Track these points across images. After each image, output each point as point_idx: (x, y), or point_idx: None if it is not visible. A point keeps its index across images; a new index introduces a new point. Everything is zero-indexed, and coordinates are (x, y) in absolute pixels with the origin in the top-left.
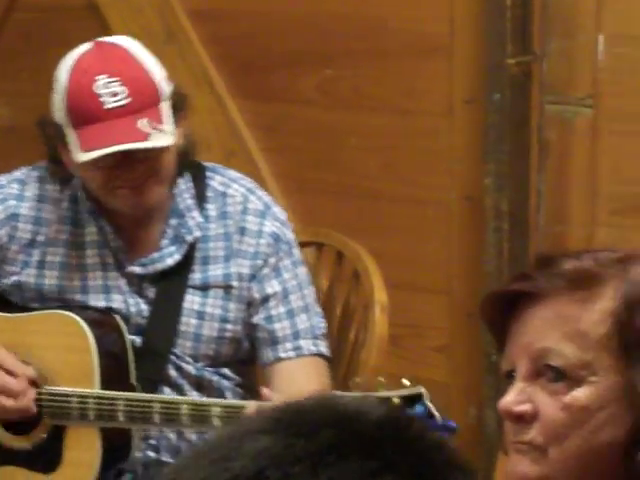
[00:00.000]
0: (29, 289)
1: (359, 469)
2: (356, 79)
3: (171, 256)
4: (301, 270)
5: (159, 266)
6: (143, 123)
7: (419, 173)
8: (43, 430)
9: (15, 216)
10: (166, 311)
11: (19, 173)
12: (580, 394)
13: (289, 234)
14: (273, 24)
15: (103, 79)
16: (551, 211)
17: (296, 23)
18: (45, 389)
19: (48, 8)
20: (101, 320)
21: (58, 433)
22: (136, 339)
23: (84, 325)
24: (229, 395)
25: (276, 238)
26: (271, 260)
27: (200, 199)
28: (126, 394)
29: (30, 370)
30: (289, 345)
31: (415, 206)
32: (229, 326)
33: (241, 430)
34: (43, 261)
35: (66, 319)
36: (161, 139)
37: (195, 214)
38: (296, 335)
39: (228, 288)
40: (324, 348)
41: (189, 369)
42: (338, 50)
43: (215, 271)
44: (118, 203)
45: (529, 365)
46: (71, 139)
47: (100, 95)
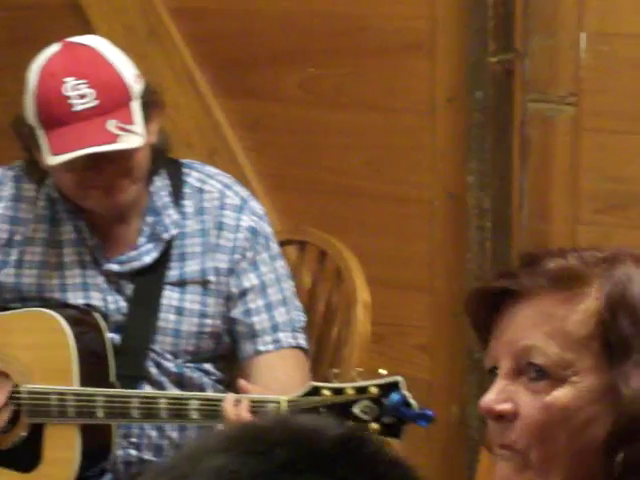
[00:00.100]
0: (8, 289)
1: None
2: (338, 77)
3: (148, 254)
4: (279, 264)
5: (137, 264)
6: (112, 124)
7: (402, 171)
8: (23, 429)
9: None
10: (144, 308)
11: None
12: (561, 394)
13: (267, 228)
14: (256, 22)
15: (71, 81)
16: (534, 209)
17: (279, 21)
18: (24, 387)
19: (30, 7)
20: (80, 318)
21: (38, 432)
22: (115, 337)
23: (63, 322)
24: (210, 392)
25: (253, 232)
26: (249, 254)
27: (177, 196)
28: (105, 390)
29: None
30: (268, 338)
31: (398, 204)
32: (208, 321)
33: (199, 449)
34: (21, 260)
35: (45, 317)
36: (130, 140)
37: (171, 212)
38: (275, 328)
39: (205, 283)
40: (303, 341)
41: (169, 366)
42: (320, 48)
43: (192, 267)
44: (91, 204)
45: (511, 363)
46: (42, 141)
47: (68, 97)
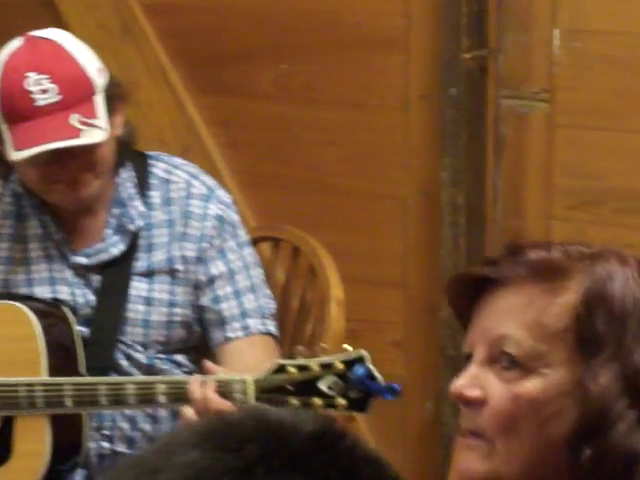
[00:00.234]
0: None
1: None
2: (312, 74)
3: (115, 246)
4: (247, 251)
5: (104, 256)
6: (75, 119)
7: (375, 168)
8: None
9: None
10: (113, 300)
11: None
12: (530, 385)
13: (234, 216)
14: (229, 19)
15: (33, 76)
16: (507, 205)
17: (252, 18)
18: None
19: (2, 3)
20: (48, 311)
21: (8, 425)
22: (85, 330)
23: (31, 314)
24: None
25: (221, 220)
26: (216, 242)
27: (142, 187)
28: (72, 379)
29: None
30: (237, 325)
31: (371, 201)
32: (177, 310)
33: (171, 442)
34: None
35: (13, 309)
36: (93, 135)
37: (137, 203)
38: (244, 314)
39: (173, 272)
40: (273, 327)
41: (139, 358)
42: (294, 45)
43: (159, 256)
44: (55, 198)
45: (486, 350)
46: (6, 136)
47: (31, 92)
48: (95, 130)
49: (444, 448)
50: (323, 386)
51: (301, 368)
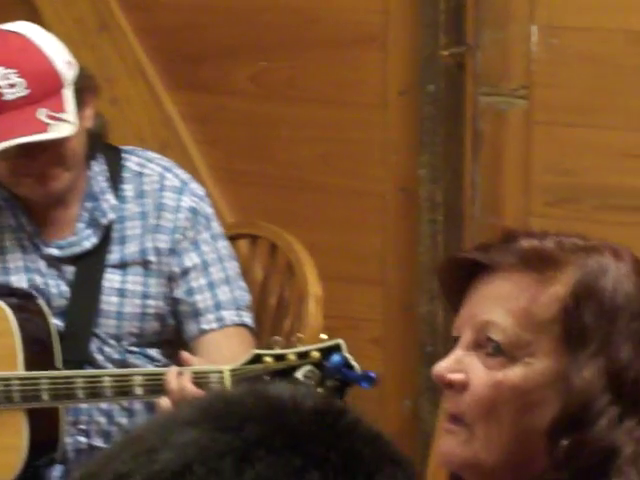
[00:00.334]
0: None
1: (285, 465)
2: (290, 70)
3: (88, 239)
4: (221, 244)
5: (76, 249)
6: (43, 114)
7: (353, 164)
8: None
9: None
10: (86, 291)
11: None
12: (512, 373)
13: (207, 209)
14: (207, 15)
15: (1, 70)
16: (485, 202)
17: (230, 14)
18: None
19: None
20: (24, 305)
21: None
22: (58, 322)
23: (7, 309)
24: None
25: (194, 212)
26: (189, 234)
27: (115, 181)
28: (49, 372)
29: None
30: (211, 316)
31: (349, 197)
32: (151, 302)
33: (168, 421)
34: None
35: None
36: (61, 129)
37: (109, 197)
38: (218, 306)
39: (146, 264)
40: (248, 319)
41: (112, 352)
42: (272, 41)
43: (132, 248)
44: (25, 191)
45: (472, 335)
46: None
47: None
48: (63, 124)
49: (423, 445)
50: (300, 375)
51: (278, 358)
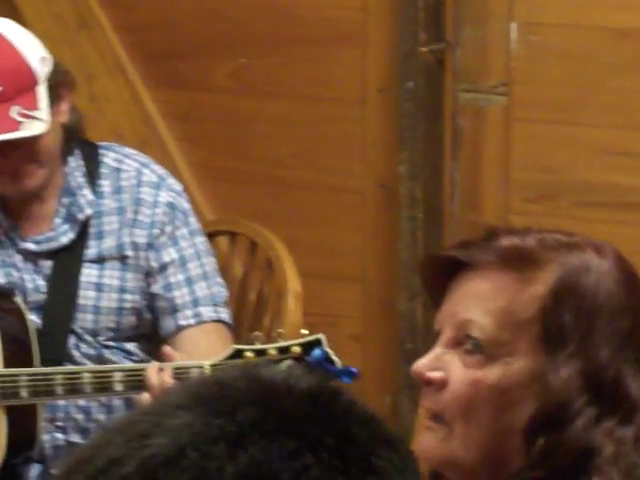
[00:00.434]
0: None
1: (280, 449)
2: (269, 67)
3: (65, 235)
4: (199, 239)
5: (53, 244)
6: (15, 111)
7: (333, 161)
8: None
9: None
10: (64, 286)
11: None
12: (491, 372)
13: (185, 204)
14: (186, 12)
15: None
16: (465, 199)
17: (209, 11)
18: None
19: None
20: (1, 303)
21: None
22: (35, 317)
23: None
24: None
25: (172, 207)
26: (167, 229)
27: (92, 176)
28: (27, 369)
29: None
30: (189, 312)
31: (329, 194)
32: (128, 296)
33: (159, 406)
34: None
35: None
36: (34, 127)
37: (86, 192)
38: (195, 302)
39: (123, 258)
40: (225, 315)
41: (88, 349)
42: (251, 38)
43: (109, 243)
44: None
45: (452, 332)
46: None
47: None
48: (36, 122)
49: None
50: None
51: (258, 353)
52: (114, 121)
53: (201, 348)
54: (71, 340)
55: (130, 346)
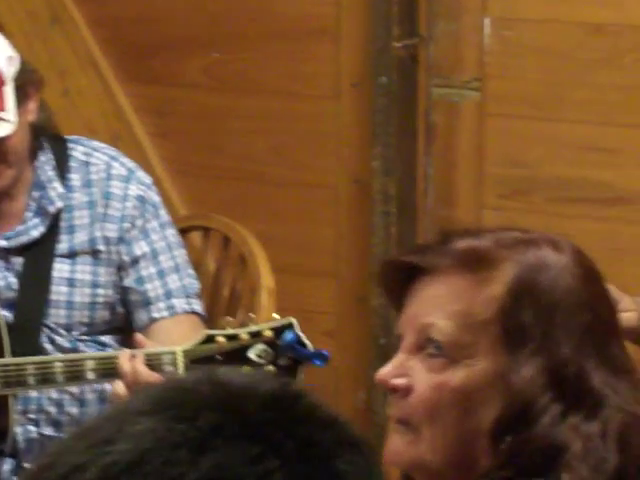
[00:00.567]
0: None
1: (242, 454)
2: (242, 62)
3: (35, 228)
4: (170, 232)
5: (24, 239)
6: None
7: (306, 156)
8: None
9: None
10: (35, 282)
11: None
12: (453, 375)
13: (155, 197)
14: (159, 7)
15: None
16: (438, 194)
17: (182, 6)
18: None
19: None
20: None
21: None
22: (7, 314)
23: None
24: None
25: (142, 200)
26: (138, 222)
27: (62, 170)
28: None
29: None
30: (162, 305)
31: (302, 190)
32: (100, 291)
33: (121, 411)
34: None
35: None
36: (1, 128)
37: (56, 185)
38: (168, 294)
39: (95, 253)
40: (198, 306)
41: (62, 342)
42: (224, 33)
43: (81, 238)
44: None
45: (413, 337)
46: None
47: None
48: (3, 123)
49: (376, 437)
50: (252, 355)
51: (230, 337)
52: (87, 116)
53: (175, 339)
54: (45, 334)
55: (105, 338)
